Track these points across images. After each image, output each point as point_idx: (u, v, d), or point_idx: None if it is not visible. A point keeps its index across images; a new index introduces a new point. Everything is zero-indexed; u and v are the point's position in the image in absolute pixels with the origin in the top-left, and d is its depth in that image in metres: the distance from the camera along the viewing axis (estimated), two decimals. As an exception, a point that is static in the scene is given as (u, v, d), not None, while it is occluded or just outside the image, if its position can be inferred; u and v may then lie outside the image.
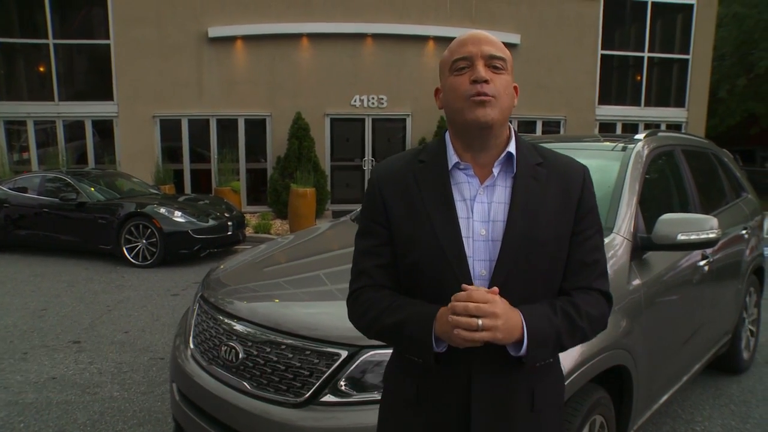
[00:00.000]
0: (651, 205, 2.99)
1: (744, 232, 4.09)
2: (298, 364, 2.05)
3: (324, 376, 2.02)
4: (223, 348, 2.32)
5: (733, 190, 4.43)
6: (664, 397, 3.02)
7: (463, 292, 1.22)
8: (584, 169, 1.45)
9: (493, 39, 1.38)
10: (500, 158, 1.38)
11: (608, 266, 2.37)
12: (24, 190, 9.67)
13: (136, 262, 8.53)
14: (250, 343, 2.23)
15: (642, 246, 2.65)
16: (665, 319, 2.84)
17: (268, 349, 2.15)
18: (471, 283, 1.30)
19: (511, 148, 1.39)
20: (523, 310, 1.27)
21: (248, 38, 13.63)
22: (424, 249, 1.35)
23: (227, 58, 13.75)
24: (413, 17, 14.03)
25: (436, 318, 1.27)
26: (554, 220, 1.36)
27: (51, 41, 13.73)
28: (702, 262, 3.19)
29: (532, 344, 1.26)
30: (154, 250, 8.47)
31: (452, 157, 1.39)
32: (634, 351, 2.43)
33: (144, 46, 13.48)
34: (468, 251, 1.33)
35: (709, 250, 3.32)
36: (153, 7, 13.44)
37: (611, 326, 2.30)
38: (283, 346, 2.13)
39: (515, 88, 1.43)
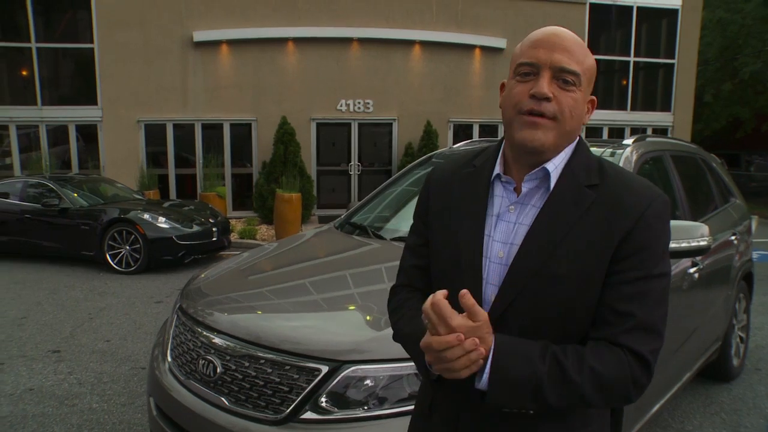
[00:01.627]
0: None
1: (733, 237, 4.06)
2: (278, 380, 1.97)
3: (304, 393, 1.94)
4: (201, 362, 2.24)
5: (722, 196, 4.40)
6: (654, 409, 2.97)
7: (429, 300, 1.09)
8: (653, 200, 1.15)
9: (573, 44, 1.16)
10: (533, 173, 1.20)
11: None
12: (5, 195, 9.49)
13: (120, 269, 8.40)
14: (228, 357, 2.15)
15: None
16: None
17: (247, 364, 2.07)
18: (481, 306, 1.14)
19: (552, 164, 1.19)
20: (498, 337, 1.08)
21: (233, 42, 13.53)
22: (444, 261, 1.27)
23: (212, 63, 13.63)
24: (399, 22, 13.99)
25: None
26: (583, 252, 1.13)
27: (34, 45, 13.53)
28: (692, 269, 3.15)
29: (496, 381, 1.07)
30: (138, 256, 8.35)
31: (497, 167, 1.26)
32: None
33: (128, 50, 13.33)
34: (484, 273, 1.20)
35: (698, 257, 3.28)
36: (137, 10, 13.30)
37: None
38: (262, 361, 2.04)
39: (592, 102, 1.23)
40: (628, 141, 3.23)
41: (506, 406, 1.12)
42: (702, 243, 2.55)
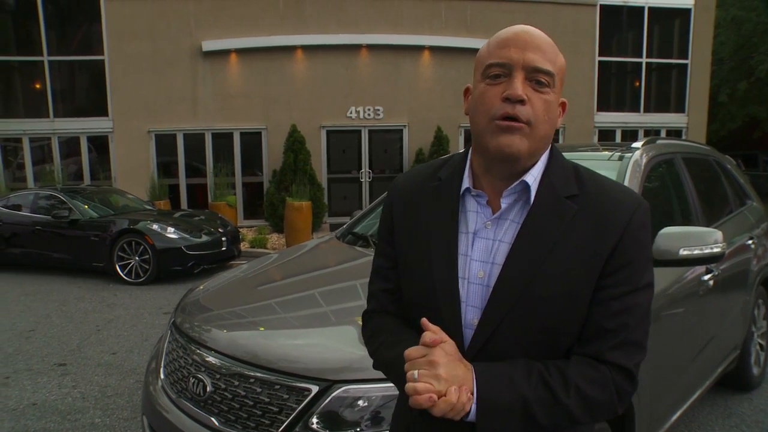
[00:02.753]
0: (651, 217, 2.83)
1: (750, 242, 3.92)
2: (267, 400, 1.89)
3: (294, 414, 1.85)
4: (191, 380, 2.16)
5: (737, 198, 4.26)
6: (671, 420, 2.84)
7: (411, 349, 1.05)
8: (636, 208, 1.11)
9: (544, 43, 1.09)
10: (512, 187, 1.12)
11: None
12: (18, 207, 9.57)
13: (129, 280, 8.39)
14: (218, 376, 2.07)
15: (641, 262, 2.48)
16: (668, 339, 2.67)
17: (236, 383, 1.98)
18: (460, 331, 1.11)
19: (531, 175, 1.12)
20: (478, 367, 1.04)
21: (242, 51, 13.55)
22: (417, 285, 1.18)
23: (221, 72, 13.66)
24: (408, 27, 13.94)
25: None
26: (570, 272, 1.07)
27: (46, 58, 13.66)
28: (706, 276, 3.02)
29: (484, 411, 1.02)
30: (147, 267, 8.33)
31: (466, 180, 1.17)
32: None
33: (138, 61, 13.41)
34: (462, 294, 1.12)
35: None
36: (146, 21, 13.38)
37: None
38: (252, 380, 1.96)
39: (563, 104, 1.17)
40: (638, 144, 3.11)
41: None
42: (716, 250, 2.43)
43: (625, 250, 1.08)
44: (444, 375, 1.00)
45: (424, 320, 1.06)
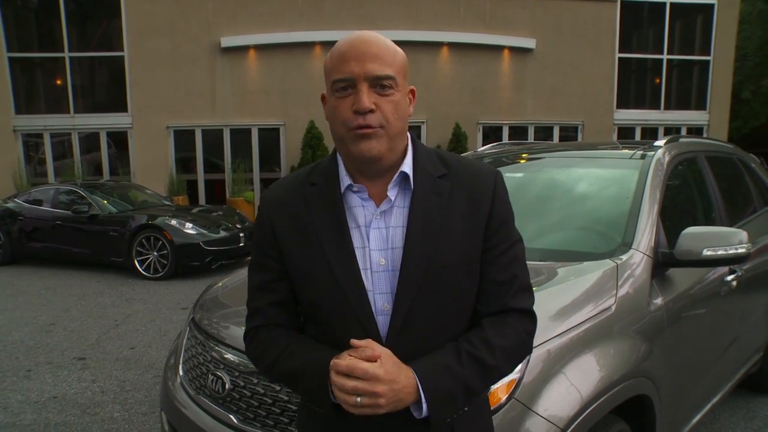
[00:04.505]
0: (673, 217, 2.79)
1: (774, 242, 3.84)
2: (286, 398, 1.88)
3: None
4: (210, 377, 2.16)
5: (762, 197, 4.18)
6: (691, 423, 2.80)
7: (343, 363, 1.10)
8: (495, 175, 1.28)
9: (380, 49, 1.18)
10: (394, 179, 1.22)
11: (626, 285, 2.23)
12: (38, 202, 9.70)
13: (148, 275, 8.46)
14: (236, 373, 2.07)
15: (664, 262, 2.44)
16: (690, 340, 2.63)
17: (255, 380, 1.98)
18: (373, 319, 1.19)
19: (407, 165, 1.24)
20: (417, 368, 1.14)
21: (261, 47, 13.59)
22: (320, 285, 1.22)
23: (240, 68, 13.72)
24: (427, 23, 13.88)
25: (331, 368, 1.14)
26: (462, 240, 1.21)
27: (67, 54, 13.82)
28: (729, 277, 2.97)
29: (434, 404, 1.13)
30: (166, 262, 8.39)
31: (344, 179, 1.24)
32: (656, 377, 2.22)
33: (157, 57, 13.51)
34: (367, 284, 1.19)
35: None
36: (166, 18, 13.47)
37: (629, 352, 2.11)
38: (271, 378, 1.96)
39: (412, 91, 1.29)
40: (660, 142, 3.06)
41: (447, 418, 1.17)
42: (740, 250, 2.39)
43: (498, 211, 1.24)
44: (384, 393, 1.08)
45: (354, 341, 1.13)
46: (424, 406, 1.12)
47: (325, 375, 1.14)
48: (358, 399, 1.08)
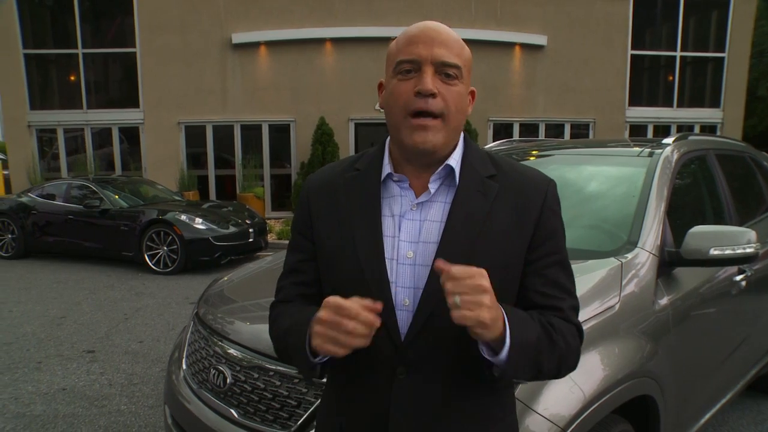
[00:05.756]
0: (681, 216, 2.75)
1: (786, 241, 3.79)
2: (286, 393, 1.88)
3: (312, 407, 1.84)
4: (212, 371, 2.17)
5: (774, 197, 4.13)
6: (699, 423, 2.77)
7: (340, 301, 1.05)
8: (549, 185, 1.22)
9: (450, 37, 1.15)
10: (438, 172, 1.19)
11: (631, 284, 2.20)
12: (51, 197, 9.79)
13: (158, 269, 8.52)
14: (238, 368, 2.07)
15: (670, 261, 2.41)
16: (696, 341, 2.60)
17: (256, 375, 1.98)
18: (393, 312, 1.14)
19: (453, 159, 1.20)
20: (504, 307, 1.06)
21: (271, 44, 13.62)
22: (344, 269, 1.19)
23: (251, 64, 13.75)
24: (437, 20, 13.50)
25: (314, 320, 1.08)
26: (502, 245, 1.16)
27: (80, 50, 13.93)
28: (739, 277, 2.93)
29: (516, 346, 1.05)
30: (175, 257, 8.44)
31: (386, 167, 1.22)
32: (661, 378, 2.20)
33: (169, 53, 13.58)
34: (391, 276, 1.15)
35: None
36: (177, 14, 13.53)
37: (633, 351, 2.09)
38: (272, 373, 1.95)
39: (472, 93, 1.23)
40: (669, 140, 3.03)
41: (514, 377, 1.11)
42: (749, 250, 2.35)
43: (547, 222, 1.19)
44: (489, 303, 1.01)
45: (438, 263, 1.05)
46: (507, 344, 1.04)
47: (304, 327, 1.12)
48: (458, 299, 0.99)
